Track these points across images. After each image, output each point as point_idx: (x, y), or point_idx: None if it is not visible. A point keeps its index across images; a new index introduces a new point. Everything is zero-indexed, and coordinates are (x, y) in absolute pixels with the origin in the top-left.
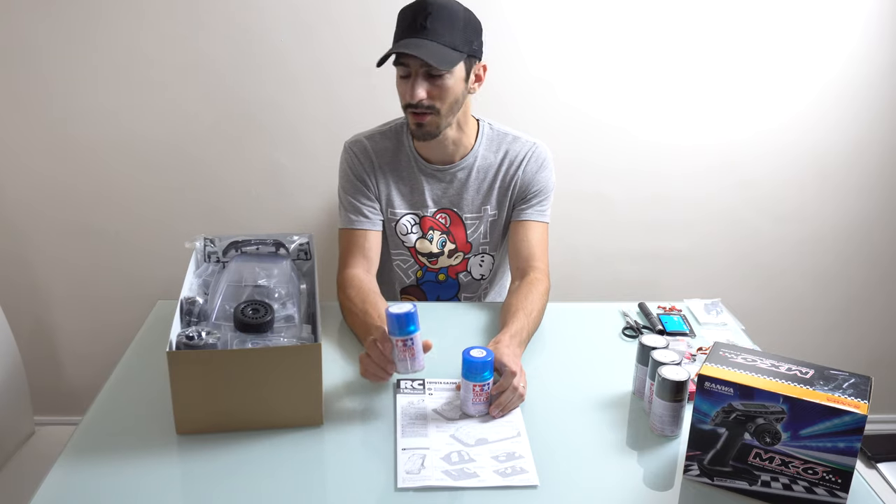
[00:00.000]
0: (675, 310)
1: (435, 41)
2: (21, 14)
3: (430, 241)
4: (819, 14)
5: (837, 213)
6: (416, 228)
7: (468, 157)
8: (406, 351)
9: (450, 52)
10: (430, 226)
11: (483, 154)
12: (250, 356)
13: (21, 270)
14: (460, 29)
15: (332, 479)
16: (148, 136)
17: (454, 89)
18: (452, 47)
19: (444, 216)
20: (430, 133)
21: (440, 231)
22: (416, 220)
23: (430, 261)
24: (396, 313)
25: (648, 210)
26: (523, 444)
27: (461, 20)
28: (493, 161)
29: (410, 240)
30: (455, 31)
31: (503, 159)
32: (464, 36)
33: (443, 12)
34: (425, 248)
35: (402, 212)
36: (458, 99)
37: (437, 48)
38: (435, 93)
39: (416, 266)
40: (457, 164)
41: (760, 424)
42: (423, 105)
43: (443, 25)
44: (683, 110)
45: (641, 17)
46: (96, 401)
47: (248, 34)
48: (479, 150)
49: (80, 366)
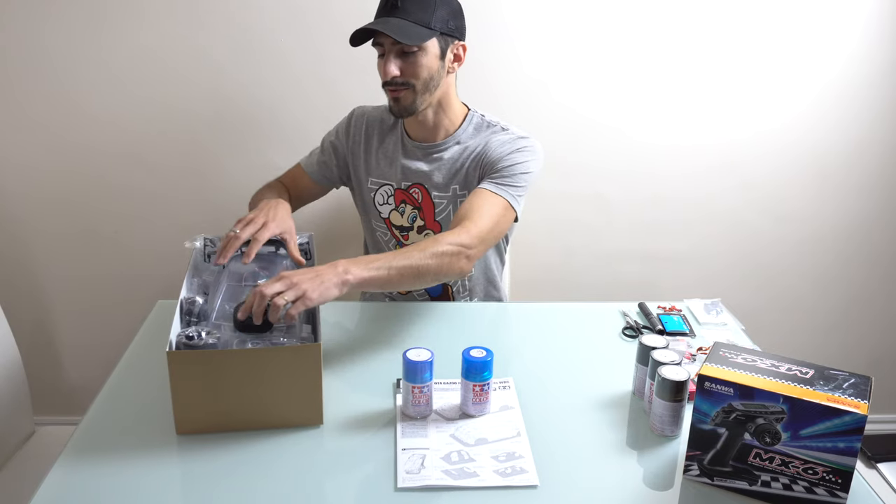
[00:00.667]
0: (675, 310)
1: (404, 19)
2: (21, 14)
3: (401, 214)
4: (819, 14)
5: (837, 213)
6: (392, 200)
7: (450, 140)
8: (421, 397)
9: (419, 29)
10: (403, 199)
11: (465, 139)
12: (250, 356)
13: (21, 270)
14: (433, 7)
15: (332, 478)
16: (148, 135)
17: (428, 66)
18: (423, 24)
19: (417, 191)
20: (405, 108)
21: (412, 206)
22: (390, 192)
23: (402, 235)
24: (415, 361)
25: (648, 210)
26: (523, 444)
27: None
28: (473, 146)
29: (385, 211)
30: (427, 10)
31: (485, 147)
32: (438, 14)
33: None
34: (397, 221)
35: (380, 182)
36: (434, 76)
37: (406, 25)
38: (408, 70)
39: (393, 239)
40: (438, 143)
41: (760, 424)
42: (397, 81)
43: (414, 4)
44: (683, 110)
45: (641, 17)
46: (96, 401)
47: (249, 34)
48: (463, 136)
49: (80, 366)
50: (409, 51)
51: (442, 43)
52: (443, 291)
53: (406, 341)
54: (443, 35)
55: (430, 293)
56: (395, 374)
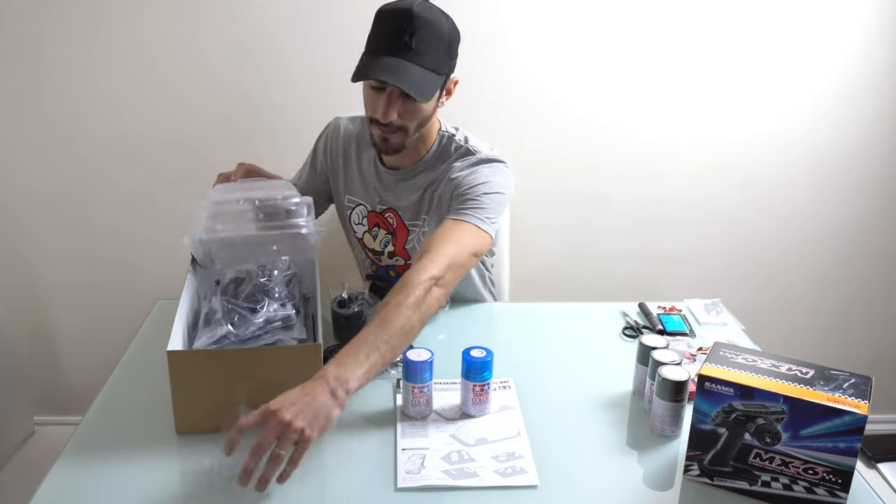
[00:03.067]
0: (675, 310)
1: (417, 64)
2: (21, 13)
3: (373, 238)
4: (819, 14)
5: (837, 213)
6: (365, 221)
7: (419, 165)
8: (421, 397)
9: (431, 79)
10: (377, 222)
11: (429, 164)
12: (250, 356)
13: (21, 270)
14: (444, 49)
15: (332, 479)
16: (148, 135)
17: (426, 110)
18: (434, 70)
19: (391, 216)
20: (394, 149)
21: (385, 230)
22: (364, 213)
23: (375, 258)
24: (415, 361)
25: (648, 210)
26: (523, 444)
27: (445, 39)
28: (435, 174)
29: (359, 231)
30: (439, 53)
31: (446, 172)
32: (446, 56)
33: (429, 31)
34: (370, 244)
35: (356, 201)
36: (427, 117)
37: (420, 74)
38: (407, 115)
39: (368, 260)
40: (408, 169)
41: (760, 424)
42: (392, 125)
43: (427, 46)
44: (683, 110)
45: (642, 17)
46: (96, 401)
47: (249, 34)
48: (428, 161)
49: (80, 366)
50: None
51: (441, 83)
52: None
53: None
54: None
55: None
56: (395, 374)
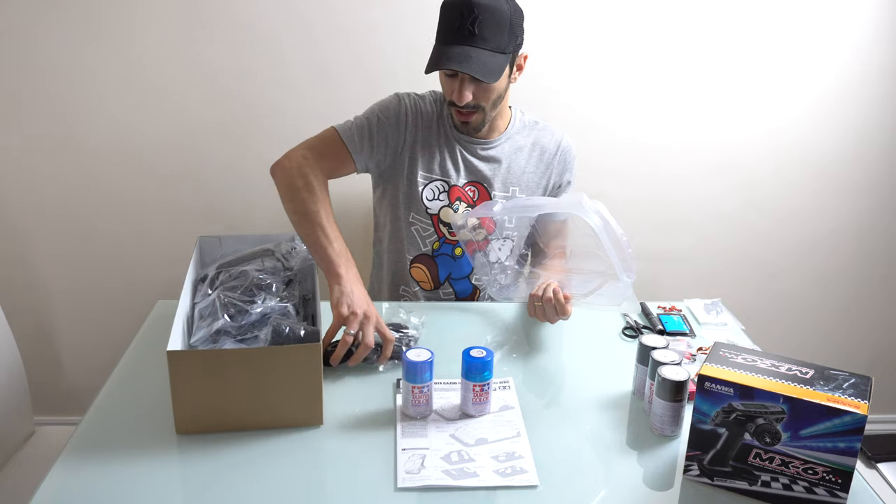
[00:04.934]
0: (675, 310)
1: (483, 48)
2: (22, 16)
3: (454, 211)
4: (819, 14)
5: (838, 213)
6: (444, 196)
7: (502, 138)
8: (421, 397)
9: (498, 60)
10: (458, 196)
11: (515, 138)
12: (250, 356)
13: (21, 271)
14: (507, 29)
15: (332, 479)
16: (148, 136)
17: (499, 88)
18: (500, 51)
19: (473, 189)
20: (475, 129)
21: (466, 203)
22: (444, 188)
23: (450, 231)
24: (415, 361)
25: (649, 210)
26: (523, 444)
27: (507, 19)
28: (523, 145)
29: (435, 207)
30: (502, 34)
31: (533, 145)
32: (510, 35)
33: (490, 15)
34: (448, 218)
35: (432, 177)
36: (502, 94)
37: (486, 57)
38: (481, 95)
39: (435, 236)
40: (492, 140)
41: (760, 424)
42: (469, 105)
43: (490, 30)
44: (684, 111)
45: (643, 18)
46: (96, 401)
47: (249, 35)
48: (512, 134)
49: (80, 366)
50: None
51: (511, 60)
52: (472, 292)
53: None
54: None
55: (458, 294)
56: (395, 374)
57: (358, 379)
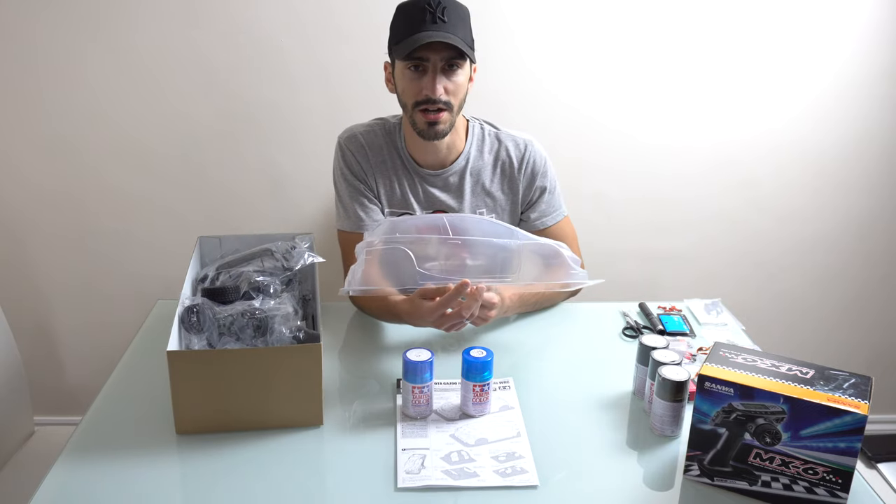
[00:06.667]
0: (675, 310)
1: (454, 34)
2: (18, 16)
3: None
4: (819, 15)
5: (837, 213)
6: None
7: (460, 160)
8: (421, 397)
9: (469, 48)
10: None
11: (474, 156)
12: (250, 356)
13: (21, 271)
14: (469, 27)
15: (332, 479)
16: (146, 136)
17: (463, 86)
18: (468, 44)
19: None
20: (441, 132)
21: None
22: None
23: None
24: (415, 361)
25: (648, 210)
26: (523, 444)
27: (468, 18)
28: (483, 163)
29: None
30: (466, 27)
31: (495, 160)
32: (471, 34)
33: (455, 9)
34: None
35: (397, 211)
36: (464, 97)
37: (461, 38)
38: (451, 88)
39: None
40: (449, 168)
41: (761, 424)
42: (440, 101)
43: (458, 20)
44: (684, 110)
45: (642, 17)
46: (96, 401)
47: (247, 34)
48: (471, 152)
49: (80, 366)
50: (458, 65)
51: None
52: None
53: (406, 341)
54: None
55: None
56: (395, 374)
57: (358, 379)
